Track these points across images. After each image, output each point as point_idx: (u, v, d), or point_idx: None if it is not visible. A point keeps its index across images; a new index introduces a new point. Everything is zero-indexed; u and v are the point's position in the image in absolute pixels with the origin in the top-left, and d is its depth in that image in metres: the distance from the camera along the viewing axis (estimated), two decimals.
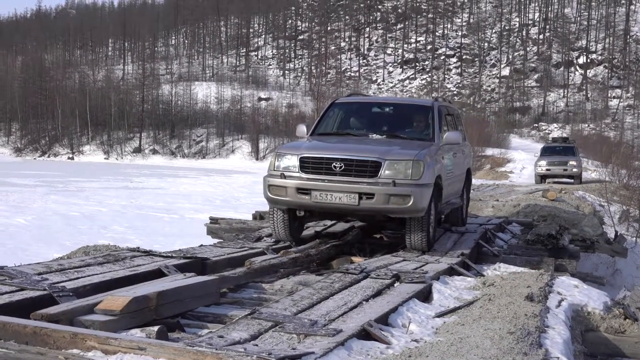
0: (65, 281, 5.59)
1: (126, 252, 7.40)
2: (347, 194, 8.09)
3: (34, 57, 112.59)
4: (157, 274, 6.29)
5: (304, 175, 8.32)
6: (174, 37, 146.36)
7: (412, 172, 8.10)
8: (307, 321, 4.69)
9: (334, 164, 8.18)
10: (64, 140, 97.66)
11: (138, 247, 7.93)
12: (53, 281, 5.51)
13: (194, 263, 6.97)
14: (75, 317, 4.60)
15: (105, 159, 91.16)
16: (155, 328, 4.50)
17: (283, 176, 8.43)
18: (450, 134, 9.58)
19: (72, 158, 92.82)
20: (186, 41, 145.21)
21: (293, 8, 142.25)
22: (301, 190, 8.31)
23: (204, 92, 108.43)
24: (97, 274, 6.00)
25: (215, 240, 11.07)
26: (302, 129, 9.81)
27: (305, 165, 8.35)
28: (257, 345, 4.13)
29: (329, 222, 10.63)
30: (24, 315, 4.52)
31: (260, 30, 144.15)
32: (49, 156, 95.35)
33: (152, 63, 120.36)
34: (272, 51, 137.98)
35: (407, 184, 8.06)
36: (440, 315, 5.49)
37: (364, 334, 4.56)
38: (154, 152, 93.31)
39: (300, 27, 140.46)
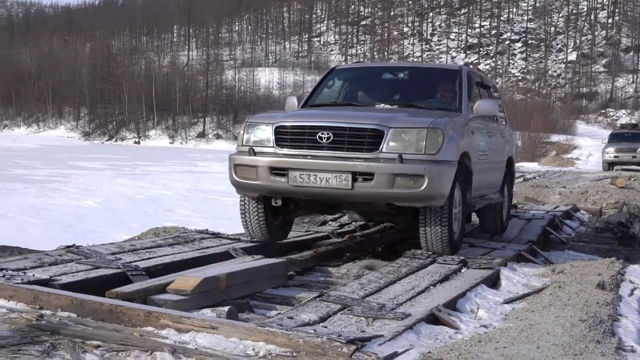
0: (138, 261, 5.73)
1: (195, 234, 7.54)
2: (336, 174, 6.05)
3: (102, 44, 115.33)
4: (226, 255, 6.38)
5: (279, 151, 6.36)
6: (237, 23, 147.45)
7: (427, 144, 6.03)
8: (375, 304, 4.68)
9: (320, 133, 6.16)
10: (131, 125, 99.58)
11: (206, 230, 8.05)
12: (126, 261, 5.66)
13: (260, 246, 7.04)
14: (149, 296, 4.72)
15: (170, 143, 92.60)
16: (226, 308, 4.57)
17: (252, 152, 6.48)
18: (482, 102, 7.49)
19: (139, 142, 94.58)
20: (249, 27, 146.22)
21: None
22: (276, 171, 6.32)
23: (267, 77, 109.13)
24: (167, 255, 6.13)
25: None
26: (292, 101, 7.80)
27: (283, 137, 6.37)
28: (326, 327, 4.15)
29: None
30: (98, 292, 4.65)
31: (322, 16, 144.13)
32: (116, 140, 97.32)
33: (216, 49, 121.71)
34: (334, 37, 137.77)
35: (419, 160, 6.02)
36: (509, 301, 5.41)
37: (433, 319, 4.53)
38: (218, 137, 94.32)
39: (362, 13, 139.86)
